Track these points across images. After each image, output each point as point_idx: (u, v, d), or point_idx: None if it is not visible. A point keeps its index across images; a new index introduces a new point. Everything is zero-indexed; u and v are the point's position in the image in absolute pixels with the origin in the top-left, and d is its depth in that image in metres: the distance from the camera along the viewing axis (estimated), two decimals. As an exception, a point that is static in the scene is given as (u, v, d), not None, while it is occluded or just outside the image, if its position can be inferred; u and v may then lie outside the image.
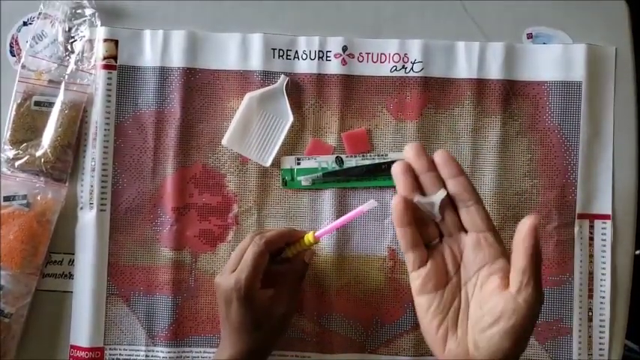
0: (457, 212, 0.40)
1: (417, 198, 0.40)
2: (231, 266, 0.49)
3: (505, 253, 0.40)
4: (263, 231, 0.51)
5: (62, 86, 0.56)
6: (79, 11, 0.58)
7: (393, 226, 0.56)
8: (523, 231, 0.37)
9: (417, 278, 0.41)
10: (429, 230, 0.41)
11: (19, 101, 0.56)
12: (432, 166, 0.40)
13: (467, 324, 0.39)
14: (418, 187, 0.40)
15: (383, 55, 0.58)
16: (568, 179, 0.57)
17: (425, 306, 0.40)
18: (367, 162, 0.57)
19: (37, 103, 0.56)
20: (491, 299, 0.38)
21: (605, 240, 0.57)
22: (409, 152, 0.40)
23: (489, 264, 0.39)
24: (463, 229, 0.41)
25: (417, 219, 0.40)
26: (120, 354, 0.56)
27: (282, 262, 0.51)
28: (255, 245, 0.48)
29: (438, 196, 0.39)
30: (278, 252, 0.51)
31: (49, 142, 0.55)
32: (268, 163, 0.57)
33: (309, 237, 0.50)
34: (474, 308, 0.39)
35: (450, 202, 0.40)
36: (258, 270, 0.48)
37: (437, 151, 0.40)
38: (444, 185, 0.40)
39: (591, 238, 0.57)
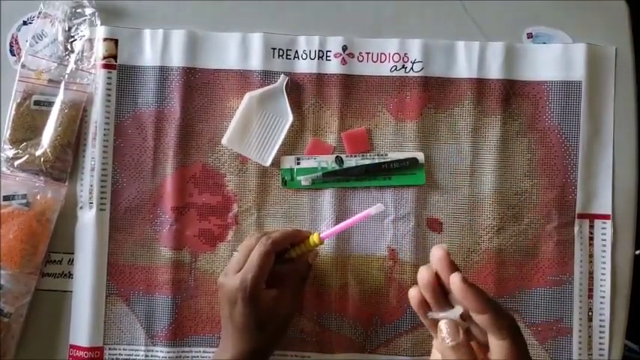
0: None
1: (433, 315, 0.39)
2: (235, 266, 0.49)
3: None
4: (268, 232, 0.51)
5: (62, 85, 0.56)
6: (78, 10, 0.58)
7: (393, 226, 0.57)
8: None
9: (438, 342, 0.40)
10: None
11: (18, 100, 0.56)
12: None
13: None
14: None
15: (383, 55, 0.58)
16: (568, 179, 0.57)
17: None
18: (367, 162, 0.57)
19: (36, 103, 0.56)
20: None
21: (605, 240, 0.57)
22: (435, 257, 0.38)
23: None
24: None
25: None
26: (119, 354, 0.56)
27: (286, 263, 0.51)
28: (261, 245, 0.48)
29: (454, 312, 0.38)
30: (282, 252, 0.51)
31: (48, 141, 0.55)
32: (268, 163, 0.57)
33: (314, 238, 0.50)
34: None
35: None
36: (265, 270, 0.48)
37: (453, 276, 0.37)
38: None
39: (591, 238, 0.57)
